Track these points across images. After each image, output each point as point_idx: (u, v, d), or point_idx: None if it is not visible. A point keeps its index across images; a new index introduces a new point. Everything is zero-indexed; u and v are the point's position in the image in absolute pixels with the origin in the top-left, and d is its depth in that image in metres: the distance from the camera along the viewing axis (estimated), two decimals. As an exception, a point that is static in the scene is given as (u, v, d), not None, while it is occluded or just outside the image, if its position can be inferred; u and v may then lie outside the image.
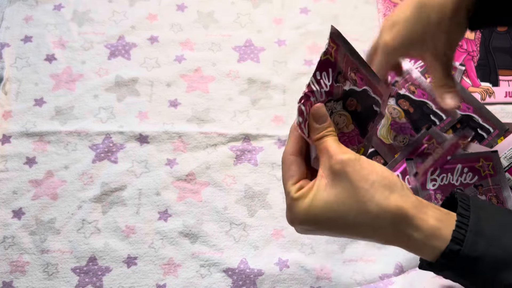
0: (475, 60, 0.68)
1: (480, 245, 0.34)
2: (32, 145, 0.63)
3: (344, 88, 0.41)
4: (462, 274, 0.35)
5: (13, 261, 0.57)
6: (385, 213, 0.35)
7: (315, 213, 0.36)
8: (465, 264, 0.34)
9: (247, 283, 0.56)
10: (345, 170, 0.35)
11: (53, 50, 0.69)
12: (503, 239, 0.34)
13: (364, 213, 0.35)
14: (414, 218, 0.35)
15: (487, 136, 0.62)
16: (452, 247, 0.34)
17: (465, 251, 0.34)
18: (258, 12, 0.72)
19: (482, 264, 0.34)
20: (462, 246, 0.34)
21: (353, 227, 0.36)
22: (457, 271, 0.35)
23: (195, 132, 0.64)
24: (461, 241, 0.34)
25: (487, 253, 0.34)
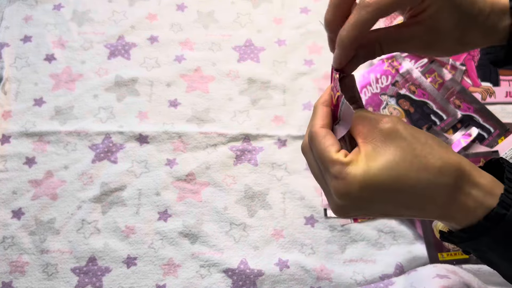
0: (475, 60, 0.68)
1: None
2: (32, 145, 0.63)
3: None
4: (500, 240, 0.33)
5: (13, 261, 0.57)
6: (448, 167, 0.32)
7: (375, 174, 0.32)
8: (508, 229, 0.32)
9: (247, 284, 0.56)
10: (396, 128, 0.33)
11: (53, 50, 0.69)
12: None
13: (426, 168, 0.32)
14: (472, 175, 0.33)
15: (487, 136, 0.62)
16: (499, 210, 0.32)
17: (511, 216, 0.32)
18: (258, 12, 0.72)
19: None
20: (509, 211, 0.32)
21: (415, 187, 0.32)
22: (497, 236, 0.33)
23: (195, 132, 0.64)
24: (508, 206, 0.32)
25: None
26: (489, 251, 0.35)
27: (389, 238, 0.58)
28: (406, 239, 0.58)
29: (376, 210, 0.34)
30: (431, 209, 0.34)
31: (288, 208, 0.60)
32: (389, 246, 0.58)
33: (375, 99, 0.64)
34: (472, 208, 0.33)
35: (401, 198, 0.33)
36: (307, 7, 0.72)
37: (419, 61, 0.67)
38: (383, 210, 0.34)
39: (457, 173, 0.32)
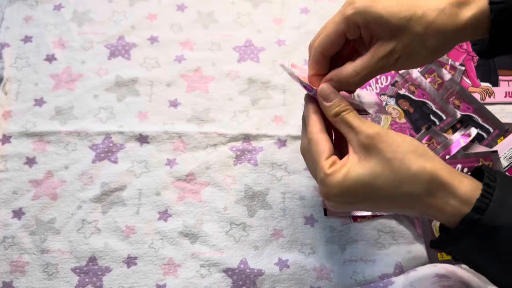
0: (475, 60, 0.68)
1: (502, 216, 0.34)
2: (32, 145, 0.63)
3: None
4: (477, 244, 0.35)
5: (13, 261, 0.57)
6: (422, 180, 0.35)
7: (349, 187, 0.37)
8: (484, 233, 0.34)
9: (247, 283, 0.56)
10: (375, 144, 0.37)
11: (53, 50, 0.69)
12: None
13: (401, 183, 0.36)
14: (449, 184, 0.35)
15: (487, 136, 0.63)
16: (473, 215, 0.34)
17: (485, 220, 0.34)
18: (258, 12, 0.72)
19: (501, 234, 0.34)
20: (483, 215, 0.34)
21: (390, 198, 0.37)
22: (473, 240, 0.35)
23: (195, 132, 0.64)
24: (483, 211, 0.34)
25: (507, 223, 0.34)
26: (473, 255, 0.36)
27: (388, 238, 0.58)
28: (405, 239, 0.58)
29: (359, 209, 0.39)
30: (410, 211, 0.37)
31: (288, 208, 0.60)
32: (389, 246, 0.58)
33: (374, 99, 0.64)
34: (450, 214, 0.36)
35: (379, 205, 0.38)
36: (307, 7, 0.72)
37: (419, 61, 0.67)
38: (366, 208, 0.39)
39: (430, 183, 0.36)
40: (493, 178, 0.37)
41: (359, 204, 0.38)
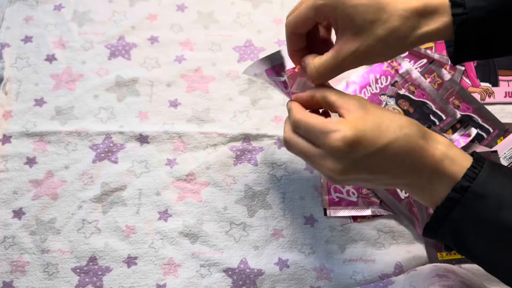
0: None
1: (490, 185, 0.36)
2: (33, 145, 0.63)
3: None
4: (466, 214, 0.37)
5: (13, 261, 0.57)
6: (412, 126, 0.39)
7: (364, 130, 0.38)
8: (472, 201, 0.36)
9: (247, 283, 0.56)
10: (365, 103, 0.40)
11: (53, 50, 0.69)
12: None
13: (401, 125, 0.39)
14: (433, 134, 0.40)
15: (486, 136, 0.63)
16: (463, 183, 0.37)
17: (474, 187, 0.36)
18: (258, 12, 0.72)
19: (487, 202, 0.36)
20: (472, 183, 0.36)
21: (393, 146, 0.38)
22: (462, 211, 0.37)
23: (195, 132, 0.64)
24: (472, 179, 0.37)
25: (494, 193, 0.36)
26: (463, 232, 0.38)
27: (388, 238, 0.58)
28: (405, 239, 0.58)
29: (367, 169, 0.39)
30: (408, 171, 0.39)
31: (288, 208, 0.60)
32: (389, 245, 0.58)
33: (374, 99, 0.64)
34: (440, 161, 0.38)
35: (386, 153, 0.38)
36: (307, 7, 0.72)
37: (419, 61, 0.67)
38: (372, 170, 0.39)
39: (421, 130, 0.39)
40: (482, 159, 0.39)
41: (369, 158, 0.38)
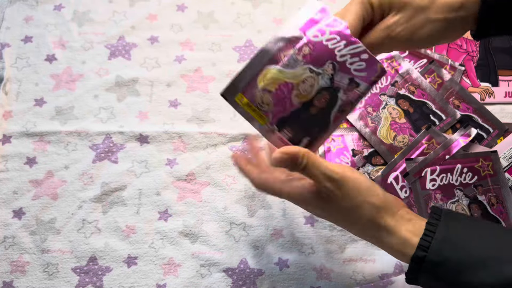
0: (474, 60, 0.68)
1: (445, 250, 0.38)
2: (33, 145, 0.63)
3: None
4: (431, 277, 0.38)
5: (14, 261, 0.57)
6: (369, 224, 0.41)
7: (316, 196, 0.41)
8: (431, 268, 0.38)
9: (247, 283, 0.56)
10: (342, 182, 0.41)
11: (54, 50, 0.69)
12: (467, 244, 0.38)
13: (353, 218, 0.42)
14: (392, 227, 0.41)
15: (486, 136, 0.63)
16: (419, 253, 0.38)
17: (430, 256, 0.38)
18: (258, 12, 0.72)
19: (446, 267, 0.37)
20: (428, 252, 0.38)
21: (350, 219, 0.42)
22: (426, 275, 0.38)
23: (195, 132, 0.64)
24: (426, 248, 0.38)
25: (451, 258, 0.37)
26: (434, 286, 0.40)
27: (388, 238, 0.58)
28: (405, 239, 0.58)
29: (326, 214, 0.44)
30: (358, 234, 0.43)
31: (288, 208, 0.60)
32: (389, 245, 0.58)
33: (374, 99, 0.64)
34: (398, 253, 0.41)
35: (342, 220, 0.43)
36: (307, 7, 0.72)
37: (419, 61, 0.67)
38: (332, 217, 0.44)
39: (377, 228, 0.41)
40: (438, 217, 0.40)
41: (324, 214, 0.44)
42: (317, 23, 0.39)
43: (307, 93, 0.40)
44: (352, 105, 0.41)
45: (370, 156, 0.62)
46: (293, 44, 0.39)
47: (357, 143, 0.63)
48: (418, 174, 0.59)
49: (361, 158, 0.62)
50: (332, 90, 0.40)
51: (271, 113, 0.40)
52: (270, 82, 0.40)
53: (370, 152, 0.62)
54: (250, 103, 0.40)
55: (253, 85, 0.40)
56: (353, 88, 0.40)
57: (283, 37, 0.39)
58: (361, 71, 0.40)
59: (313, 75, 0.39)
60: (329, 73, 0.40)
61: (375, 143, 0.62)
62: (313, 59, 0.39)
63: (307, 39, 0.39)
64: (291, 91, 0.40)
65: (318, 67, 0.39)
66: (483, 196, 0.58)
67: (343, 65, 0.40)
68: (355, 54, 0.39)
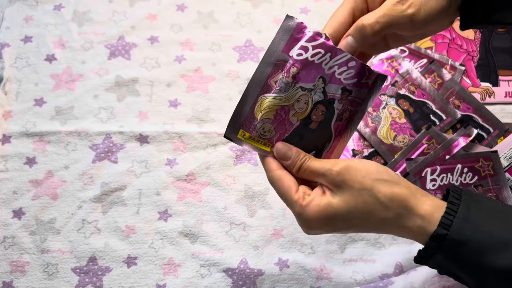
0: (475, 60, 0.68)
1: (467, 230, 0.36)
2: (32, 145, 0.63)
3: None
4: (449, 257, 0.37)
5: (13, 261, 0.57)
6: (389, 207, 0.38)
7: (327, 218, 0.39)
8: (452, 247, 0.37)
9: (247, 283, 0.56)
10: (344, 180, 0.38)
11: (53, 50, 0.69)
12: (489, 225, 0.37)
13: (372, 211, 0.38)
14: (414, 206, 0.38)
15: (487, 136, 0.63)
16: (440, 231, 0.37)
17: (452, 235, 0.36)
18: (258, 12, 0.72)
19: (467, 248, 0.36)
20: (449, 231, 0.36)
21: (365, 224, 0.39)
22: (445, 254, 0.37)
23: (195, 132, 0.64)
24: (448, 226, 0.37)
25: (472, 238, 0.36)
26: (450, 268, 0.39)
27: (388, 238, 0.58)
28: (405, 239, 0.58)
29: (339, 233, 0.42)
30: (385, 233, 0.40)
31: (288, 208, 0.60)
32: (389, 245, 0.58)
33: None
34: (417, 233, 0.38)
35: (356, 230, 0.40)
36: (307, 7, 0.72)
37: (419, 61, 0.67)
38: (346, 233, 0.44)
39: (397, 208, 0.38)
40: (458, 196, 0.39)
41: (338, 230, 0.41)
42: (299, 40, 0.39)
43: (303, 110, 0.40)
44: (350, 111, 0.42)
45: (370, 156, 0.62)
46: (280, 68, 0.39)
47: (357, 143, 0.63)
48: (419, 174, 0.59)
49: (361, 158, 0.62)
50: (327, 102, 0.41)
51: (274, 138, 0.41)
52: (267, 111, 0.40)
53: (370, 152, 0.62)
54: (253, 136, 0.41)
55: (251, 118, 0.40)
56: (347, 96, 0.41)
57: (269, 63, 0.39)
58: (351, 79, 0.40)
59: (305, 93, 0.40)
60: (321, 87, 0.40)
61: (375, 143, 0.62)
62: (302, 77, 0.39)
63: (293, 60, 0.39)
64: (289, 113, 0.40)
65: (309, 84, 0.40)
66: (483, 196, 0.58)
67: (332, 77, 0.40)
68: (342, 64, 0.40)
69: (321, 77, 0.40)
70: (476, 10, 0.41)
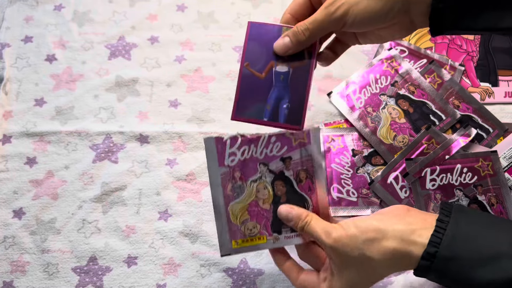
0: (474, 60, 0.68)
1: (456, 246, 0.38)
2: (33, 145, 0.63)
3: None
4: (442, 275, 0.38)
5: (14, 261, 0.57)
6: (387, 263, 0.40)
7: None
8: (443, 264, 0.38)
9: (247, 283, 0.56)
10: (338, 249, 0.41)
11: (54, 50, 0.69)
12: (479, 240, 0.38)
13: (372, 273, 0.41)
14: (408, 252, 0.39)
15: (486, 136, 0.63)
16: (430, 249, 0.38)
17: (441, 252, 0.37)
18: (258, 12, 0.72)
19: (457, 263, 0.37)
20: (439, 248, 0.38)
21: (373, 282, 0.42)
22: (437, 272, 0.38)
23: (195, 132, 0.64)
24: (438, 244, 0.38)
25: (462, 254, 0.37)
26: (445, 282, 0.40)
27: (388, 238, 0.58)
28: (405, 239, 0.58)
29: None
30: None
31: (288, 208, 0.60)
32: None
33: (374, 99, 0.64)
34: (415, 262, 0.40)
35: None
36: (307, 7, 0.72)
37: (418, 61, 0.67)
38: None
39: (394, 260, 0.40)
40: (448, 213, 0.40)
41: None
42: (224, 151, 0.46)
43: (267, 195, 0.46)
44: (305, 170, 0.47)
45: (370, 156, 0.62)
46: (227, 178, 0.46)
47: (357, 143, 0.63)
48: (418, 174, 0.59)
49: (361, 158, 0.62)
50: (280, 176, 0.46)
51: (262, 228, 0.46)
52: (241, 214, 0.46)
53: (370, 152, 0.62)
54: (244, 239, 0.46)
55: (234, 227, 0.46)
56: (289, 162, 0.46)
57: (217, 183, 0.46)
58: (282, 149, 0.46)
59: (258, 182, 0.46)
60: (265, 170, 0.46)
61: (375, 143, 0.62)
62: (247, 173, 0.46)
63: (230, 168, 0.46)
64: (258, 204, 0.46)
65: (255, 174, 0.46)
66: (483, 196, 0.58)
67: (268, 158, 0.46)
68: (267, 144, 0.46)
69: (260, 163, 0.46)
70: (445, 16, 0.41)
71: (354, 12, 0.42)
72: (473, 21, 0.41)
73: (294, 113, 0.45)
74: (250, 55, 0.46)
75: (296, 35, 0.45)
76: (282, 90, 0.46)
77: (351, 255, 0.40)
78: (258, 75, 0.46)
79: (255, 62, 0.46)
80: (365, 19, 0.42)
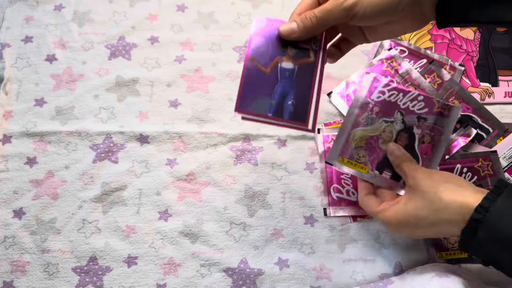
0: (474, 60, 0.68)
1: (509, 207, 0.40)
2: (33, 145, 0.63)
3: None
4: (491, 233, 0.40)
5: (14, 261, 0.57)
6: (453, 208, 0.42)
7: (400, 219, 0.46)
8: (494, 220, 0.40)
9: (247, 283, 0.56)
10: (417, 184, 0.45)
11: (54, 50, 0.69)
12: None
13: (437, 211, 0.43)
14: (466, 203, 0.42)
15: (486, 136, 0.63)
16: (484, 203, 0.41)
17: (496, 206, 0.40)
18: (258, 12, 0.72)
19: (509, 220, 0.39)
20: (493, 204, 0.40)
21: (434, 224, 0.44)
22: (487, 230, 0.40)
23: (195, 132, 0.64)
24: (493, 201, 0.40)
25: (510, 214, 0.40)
26: (492, 248, 0.41)
27: (388, 238, 0.58)
28: (405, 239, 0.58)
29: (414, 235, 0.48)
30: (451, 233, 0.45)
31: (288, 208, 0.60)
32: (389, 245, 0.58)
33: (374, 99, 0.64)
34: None
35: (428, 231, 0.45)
36: (307, 7, 0.72)
37: (418, 61, 0.67)
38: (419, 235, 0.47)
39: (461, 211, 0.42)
40: (506, 184, 0.43)
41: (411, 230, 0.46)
42: (376, 87, 0.53)
43: (390, 138, 0.52)
44: (431, 136, 0.52)
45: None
46: (365, 108, 0.52)
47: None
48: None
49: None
50: (408, 130, 0.52)
51: (369, 162, 0.52)
52: (359, 140, 0.52)
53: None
54: (350, 160, 0.52)
55: (347, 147, 0.52)
56: (423, 123, 0.52)
57: (356, 106, 0.53)
58: (423, 109, 0.52)
59: (388, 124, 0.52)
60: (400, 119, 0.52)
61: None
62: (383, 113, 0.52)
63: (374, 102, 0.53)
64: (377, 141, 0.52)
65: (390, 117, 0.52)
66: (483, 196, 0.58)
67: (407, 110, 0.52)
68: (413, 99, 0.52)
69: (398, 111, 0.52)
70: (451, 8, 0.42)
71: (365, 4, 0.42)
72: (479, 13, 0.41)
73: (299, 110, 0.45)
74: (255, 49, 0.46)
75: (303, 21, 0.44)
76: (287, 87, 0.45)
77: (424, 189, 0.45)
78: (263, 69, 0.46)
79: (260, 57, 0.46)
80: (375, 11, 0.42)
